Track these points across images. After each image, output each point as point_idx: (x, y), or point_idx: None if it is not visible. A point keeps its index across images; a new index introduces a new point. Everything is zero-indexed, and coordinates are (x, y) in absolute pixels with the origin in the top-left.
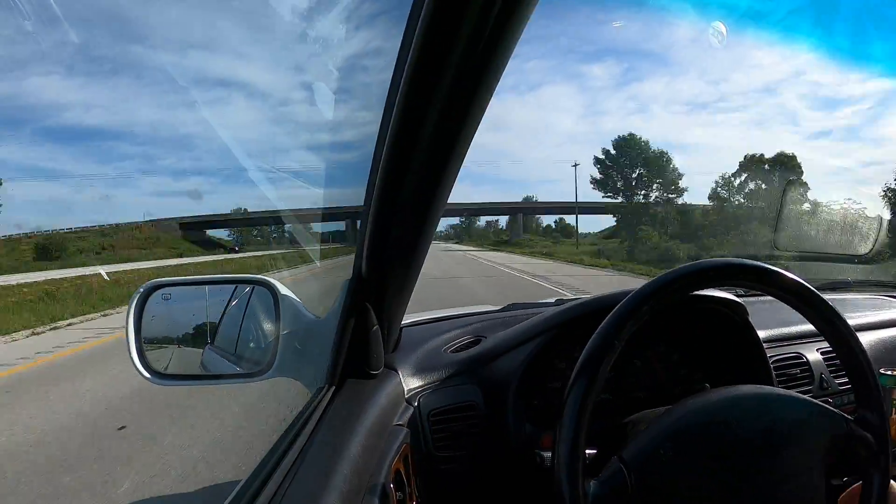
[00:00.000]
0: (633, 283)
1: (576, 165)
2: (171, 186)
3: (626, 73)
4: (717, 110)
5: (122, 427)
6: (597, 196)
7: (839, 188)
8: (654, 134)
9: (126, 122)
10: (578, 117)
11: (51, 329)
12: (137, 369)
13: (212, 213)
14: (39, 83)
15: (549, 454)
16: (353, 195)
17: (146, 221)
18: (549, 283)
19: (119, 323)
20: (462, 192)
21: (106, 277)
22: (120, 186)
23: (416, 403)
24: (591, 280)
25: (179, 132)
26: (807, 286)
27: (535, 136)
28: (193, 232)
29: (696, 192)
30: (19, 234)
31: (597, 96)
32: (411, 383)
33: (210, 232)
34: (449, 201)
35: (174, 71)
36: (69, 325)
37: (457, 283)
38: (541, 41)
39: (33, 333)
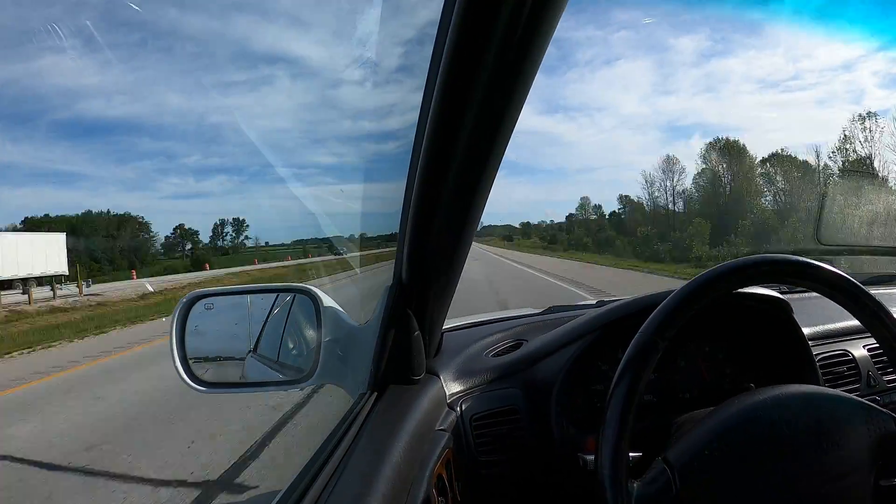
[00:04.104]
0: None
1: None
2: (193, 188)
3: (714, 45)
4: (786, 89)
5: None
6: None
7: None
8: (719, 115)
9: (151, 111)
10: (641, 98)
11: None
12: (181, 378)
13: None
14: (52, 63)
15: (593, 457)
16: (392, 200)
17: None
18: None
19: None
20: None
21: (150, 289)
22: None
23: (458, 408)
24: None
25: (209, 121)
26: (851, 280)
27: (590, 118)
28: None
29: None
30: None
31: (673, 72)
32: (453, 388)
33: None
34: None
35: (215, 43)
36: None
37: None
38: (640, 5)
39: None
